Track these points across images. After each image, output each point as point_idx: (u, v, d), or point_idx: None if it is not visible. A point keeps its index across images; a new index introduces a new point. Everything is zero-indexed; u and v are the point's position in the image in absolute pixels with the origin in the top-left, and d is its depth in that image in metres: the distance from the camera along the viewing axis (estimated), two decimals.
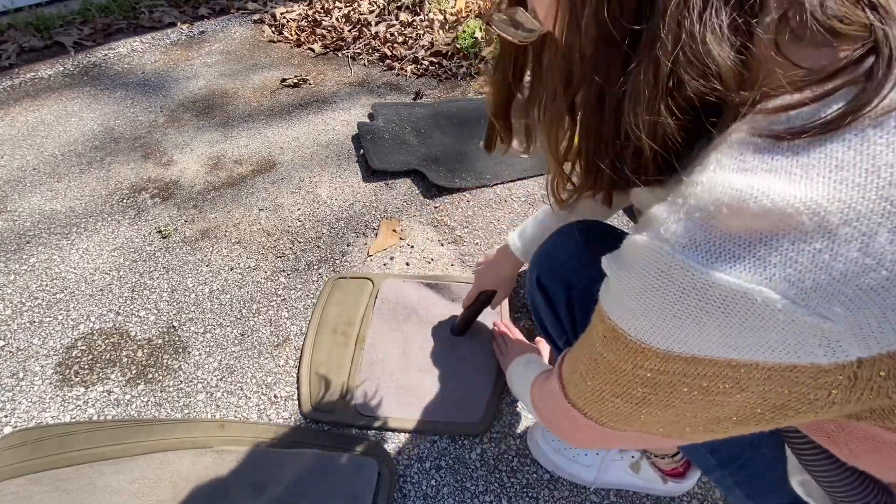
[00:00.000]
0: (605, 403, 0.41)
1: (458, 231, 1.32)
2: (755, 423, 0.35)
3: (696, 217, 0.29)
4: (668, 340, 0.32)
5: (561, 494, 0.84)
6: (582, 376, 0.42)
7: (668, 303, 0.31)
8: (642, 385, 0.36)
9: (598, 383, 0.40)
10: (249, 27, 2.32)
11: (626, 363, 0.36)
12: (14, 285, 1.17)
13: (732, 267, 0.28)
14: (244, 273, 1.21)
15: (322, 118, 1.74)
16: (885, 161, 0.26)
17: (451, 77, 1.98)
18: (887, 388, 0.29)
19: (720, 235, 0.29)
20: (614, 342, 0.36)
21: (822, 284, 0.27)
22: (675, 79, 0.31)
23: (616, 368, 0.37)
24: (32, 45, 2.07)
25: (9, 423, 0.93)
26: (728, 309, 0.29)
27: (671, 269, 0.30)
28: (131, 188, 1.45)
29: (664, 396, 0.36)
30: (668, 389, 0.35)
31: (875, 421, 0.33)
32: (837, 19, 0.29)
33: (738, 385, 0.32)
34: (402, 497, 0.84)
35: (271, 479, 0.83)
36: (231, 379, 1.00)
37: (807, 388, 0.30)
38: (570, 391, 0.45)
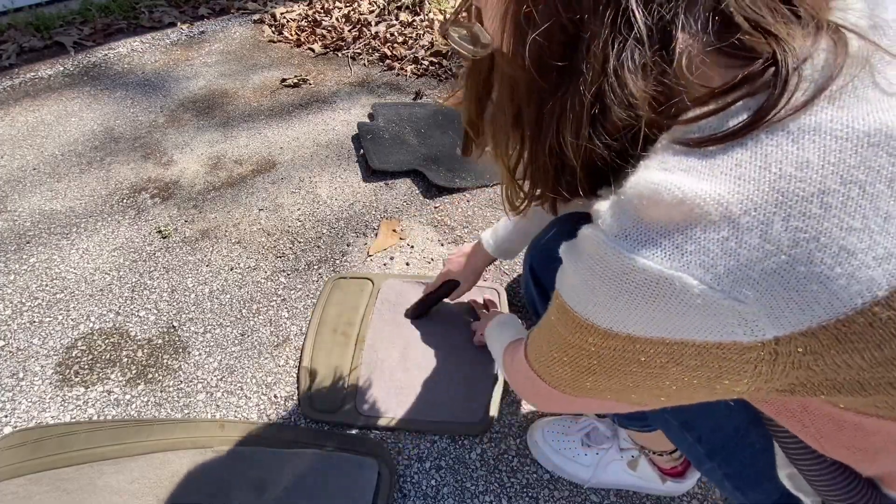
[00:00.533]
0: (558, 370, 0.45)
1: (458, 231, 1.32)
2: (694, 390, 0.38)
3: (625, 209, 0.33)
4: (607, 320, 0.36)
5: (561, 494, 0.84)
6: (540, 346, 0.47)
7: (605, 286, 0.35)
8: (588, 356, 0.40)
9: (551, 352, 0.45)
10: (249, 27, 2.32)
11: (574, 337, 0.40)
12: (14, 285, 1.17)
13: (654, 253, 0.32)
14: (244, 273, 1.21)
15: (322, 118, 1.74)
16: (775, 159, 0.30)
17: (451, 77, 1.98)
18: (807, 361, 0.32)
19: (643, 225, 0.32)
20: (565, 317, 0.40)
21: (732, 269, 0.30)
22: (599, 107, 0.36)
23: (566, 341, 0.41)
24: (32, 45, 2.07)
25: (9, 423, 0.93)
26: (653, 293, 0.32)
27: (606, 256, 0.34)
28: (131, 188, 1.45)
29: (608, 367, 0.39)
30: (610, 362, 0.39)
31: (816, 395, 0.35)
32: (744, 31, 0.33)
33: (672, 359, 0.35)
34: (402, 497, 0.84)
35: (271, 479, 0.83)
36: (231, 379, 1.00)
37: (734, 362, 0.33)
38: (530, 358, 0.50)
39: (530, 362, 0.50)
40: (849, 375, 0.33)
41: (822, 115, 0.30)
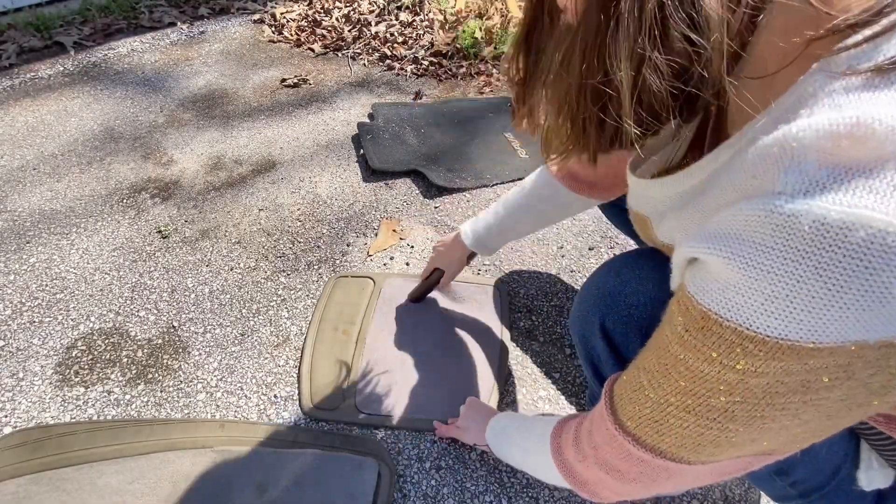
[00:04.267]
0: (671, 421, 0.34)
1: None
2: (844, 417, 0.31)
3: (810, 158, 0.25)
4: (782, 322, 0.27)
5: (561, 494, 0.84)
6: (642, 389, 0.36)
7: (795, 268, 0.26)
8: (727, 393, 0.31)
9: (664, 394, 0.34)
10: (249, 27, 2.32)
11: (712, 363, 0.30)
12: (14, 285, 1.17)
13: (873, 201, 0.24)
14: (244, 273, 1.21)
15: (322, 118, 1.74)
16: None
17: (451, 77, 1.98)
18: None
19: (847, 170, 0.24)
20: (702, 334, 0.30)
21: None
22: (660, 18, 0.29)
23: (695, 372, 0.32)
24: (32, 45, 2.07)
25: (9, 423, 0.93)
26: (872, 258, 0.24)
27: (794, 224, 0.25)
28: (131, 188, 1.44)
29: (752, 405, 0.30)
30: (758, 395, 0.30)
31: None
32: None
33: (845, 374, 0.27)
34: (402, 497, 0.84)
35: (271, 479, 0.83)
36: (231, 379, 1.00)
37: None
38: (620, 412, 0.38)
39: (619, 419, 0.39)
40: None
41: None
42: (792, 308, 0.26)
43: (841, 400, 0.29)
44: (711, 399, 0.32)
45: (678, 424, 0.34)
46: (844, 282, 0.25)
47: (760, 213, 0.26)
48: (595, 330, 0.59)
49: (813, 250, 0.25)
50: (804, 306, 0.26)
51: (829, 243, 0.24)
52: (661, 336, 0.35)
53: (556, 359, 1.03)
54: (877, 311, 0.25)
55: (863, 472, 0.51)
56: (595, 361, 0.62)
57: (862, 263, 0.24)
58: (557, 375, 1.00)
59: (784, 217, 0.25)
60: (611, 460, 0.42)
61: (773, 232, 0.26)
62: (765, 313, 0.27)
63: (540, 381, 1.00)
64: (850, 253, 0.24)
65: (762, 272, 0.27)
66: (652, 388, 0.35)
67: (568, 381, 0.99)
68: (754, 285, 0.27)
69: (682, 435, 0.35)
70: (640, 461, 0.39)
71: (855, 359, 0.27)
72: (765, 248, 0.26)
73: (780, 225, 0.26)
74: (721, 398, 0.31)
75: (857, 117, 0.24)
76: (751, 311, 0.28)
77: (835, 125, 0.24)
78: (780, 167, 0.26)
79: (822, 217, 0.24)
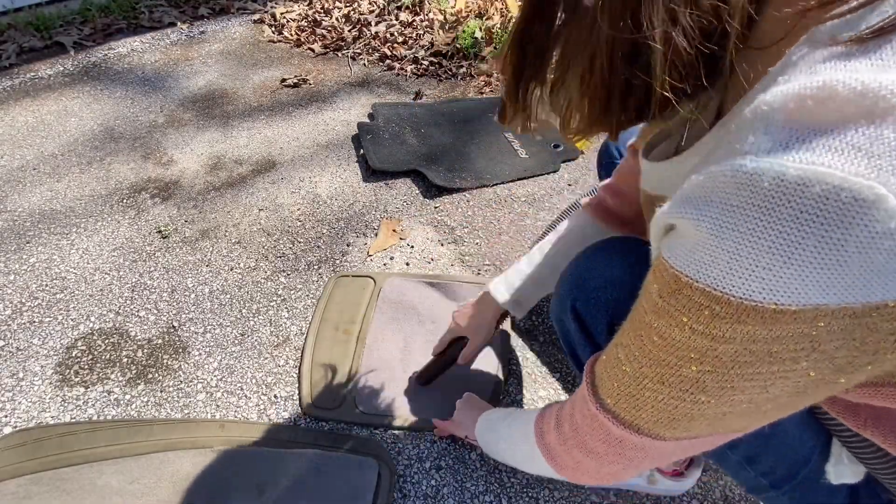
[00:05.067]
0: (646, 395, 0.35)
1: (458, 231, 1.32)
2: (810, 392, 0.31)
3: (776, 119, 0.26)
4: (748, 283, 0.27)
5: (561, 494, 0.84)
6: (619, 363, 0.37)
7: (755, 225, 0.26)
8: (697, 361, 0.31)
9: (639, 367, 0.35)
10: (249, 27, 2.32)
11: (683, 328, 0.31)
12: (14, 285, 1.17)
13: (830, 158, 0.24)
14: (244, 273, 1.21)
15: (322, 118, 1.74)
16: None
17: (451, 77, 1.98)
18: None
19: (808, 129, 0.25)
20: (673, 298, 0.31)
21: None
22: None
23: (667, 339, 0.32)
24: (32, 45, 2.07)
25: (9, 423, 0.93)
26: (830, 219, 0.24)
27: (755, 181, 0.26)
28: (131, 188, 1.45)
29: (722, 374, 0.31)
30: (728, 363, 0.30)
31: None
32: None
33: (811, 345, 0.28)
34: (402, 497, 0.84)
35: (271, 479, 0.83)
36: (231, 379, 1.00)
37: (880, 334, 0.27)
38: (601, 390, 0.39)
39: (604, 403, 0.39)
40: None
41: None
42: (754, 266, 0.27)
43: (808, 374, 0.30)
44: (683, 368, 0.32)
45: (653, 398, 0.35)
46: (801, 238, 0.25)
47: (727, 172, 0.27)
48: (568, 313, 0.61)
49: (772, 206, 0.25)
50: (765, 264, 0.27)
51: (787, 199, 0.25)
52: (638, 308, 0.36)
53: (556, 359, 1.03)
54: (833, 271, 0.25)
55: (832, 465, 0.51)
56: (572, 345, 0.64)
57: (817, 220, 0.25)
58: (557, 375, 1.00)
59: (747, 175, 0.26)
60: (590, 442, 0.42)
61: (737, 190, 0.27)
62: (730, 272, 0.28)
63: (540, 381, 1.00)
64: (806, 208, 0.25)
65: (727, 230, 0.27)
66: (629, 361, 0.36)
67: (568, 381, 0.99)
68: (720, 244, 0.28)
69: (657, 409, 0.35)
70: (617, 441, 0.40)
71: (819, 329, 0.27)
72: (729, 207, 0.27)
73: (743, 183, 0.26)
74: (692, 367, 0.32)
75: (823, 81, 0.25)
76: (717, 271, 0.28)
77: (803, 89, 0.25)
78: (751, 129, 0.27)
79: (782, 174, 0.25)
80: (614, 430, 0.39)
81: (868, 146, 0.24)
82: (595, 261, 0.59)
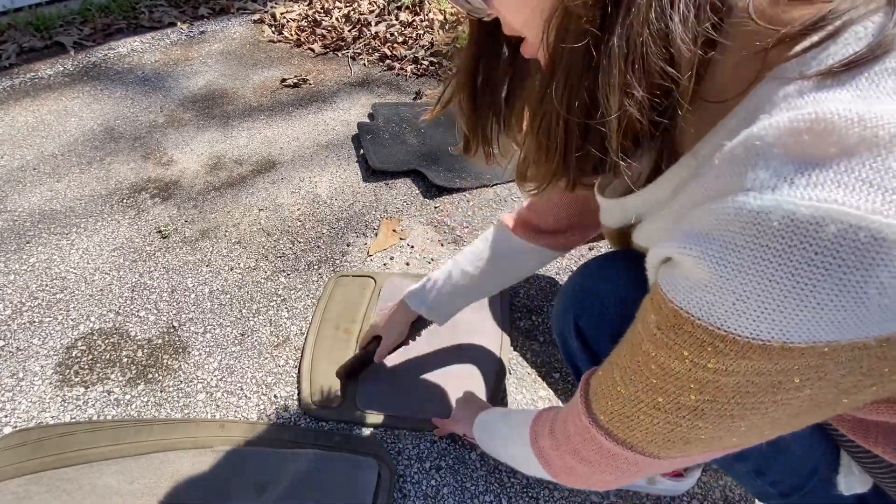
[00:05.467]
0: (641, 417, 0.35)
1: (458, 231, 1.32)
2: (811, 415, 0.31)
3: (774, 154, 0.25)
4: (753, 322, 0.27)
5: (561, 494, 0.84)
6: (615, 384, 0.37)
7: (764, 266, 0.25)
8: (697, 391, 0.31)
9: (635, 391, 0.34)
10: (249, 27, 2.32)
11: (683, 361, 0.30)
12: (14, 285, 1.17)
13: (842, 195, 0.23)
14: (244, 273, 1.21)
15: (322, 118, 1.74)
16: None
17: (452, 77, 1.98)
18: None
19: (811, 163, 0.24)
20: (673, 332, 0.30)
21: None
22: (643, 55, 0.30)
23: (665, 370, 0.32)
24: (32, 45, 2.07)
25: (9, 423, 0.93)
26: (845, 255, 0.23)
27: (762, 220, 0.25)
28: (131, 188, 1.44)
29: (722, 404, 0.30)
30: (729, 394, 0.30)
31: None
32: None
33: (816, 375, 0.27)
34: (402, 497, 0.84)
35: (271, 479, 0.83)
36: (231, 379, 1.00)
37: (888, 361, 0.26)
38: (594, 405, 0.39)
39: (592, 412, 0.39)
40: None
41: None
42: (763, 308, 0.26)
43: (810, 399, 0.29)
44: (682, 397, 0.32)
45: (648, 421, 0.35)
46: (816, 281, 0.24)
47: (730, 210, 0.26)
48: (570, 328, 0.61)
49: (783, 247, 0.25)
50: (775, 306, 0.26)
51: (799, 240, 0.24)
52: (635, 333, 0.35)
53: (556, 359, 1.03)
54: (850, 310, 0.25)
55: (842, 476, 0.51)
56: (573, 358, 0.64)
57: (834, 261, 0.24)
58: (557, 375, 1.00)
59: (753, 214, 0.25)
60: (582, 451, 0.42)
61: (743, 229, 0.26)
62: (735, 313, 0.27)
63: (540, 381, 1.00)
64: (822, 250, 0.24)
65: (732, 271, 0.26)
66: (624, 384, 0.36)
67: (568, 381, 0.99)
68: (725, 284, 0.27)
69: (651, 431, 0.35)
70: (610, 454, 0.39)
71: (827, 360, 0.27)
72: (735, 247, 0.26)
73: (750, 222, 0.25)
74: (691, 396, 0.31)
75: (816, 112, 0.24)
76: (722, 311, 0.28)
77: (795, 122, 0.25)
78: (747, 165, 0.26)
79: (792, 213, 0.24)
80: (606, 445, 0.39)
81: (879, 180, 0.23)
82: (599, 276, 0.58)
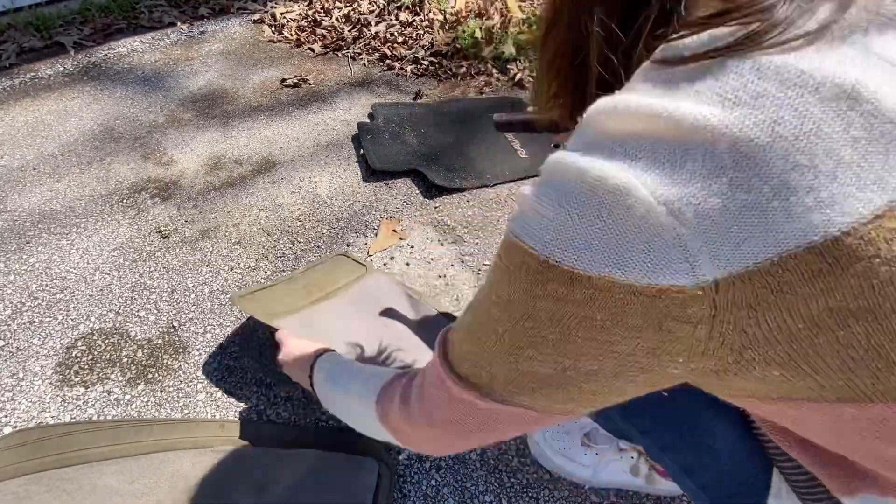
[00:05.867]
0: (485, 353, 0.39)
1: (458, 231, 1.32)
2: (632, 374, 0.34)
3: (583, 127, 0.34)
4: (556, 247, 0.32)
5: (561, 494, 0.84)
6: (466, 325, 0.41)
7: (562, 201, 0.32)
8: (524, 317, 0.35)
9: (479, 325, 0.39)
10: (249, 27, 2.32)
11: (509, 285, 0.35)
12: (14, 285, 1.17)
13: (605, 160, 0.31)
14: (244, 273, 1.21)
15: (322, 118, 1.74)
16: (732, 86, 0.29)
17: (451, 77, 1.98)
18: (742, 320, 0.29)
19: (600, 137, 0.32)
20: (505, 257, 0.35)
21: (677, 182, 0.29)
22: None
23: (501, 296, 0.36)
24: (32, 45, 2.07)
25: (9, 423, 0.93)
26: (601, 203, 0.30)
27: (562, 169, 0.32)
28: (131, 188, 1.45)
29: (544, 333, 0.35)
30: (545, 321, 0.34)
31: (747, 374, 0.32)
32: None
33: (615, 316, 0.32)
34: (402, 497, 0.84)
35: (271, 479, 0.83)
36: (231, 379, 1.00)
37: (676, 322, 0.30)
38: (454, 355, 0.42)
39: (453, 361, 0.42)
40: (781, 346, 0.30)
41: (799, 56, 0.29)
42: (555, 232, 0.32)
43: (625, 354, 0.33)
44: (515, 325, 0.36)
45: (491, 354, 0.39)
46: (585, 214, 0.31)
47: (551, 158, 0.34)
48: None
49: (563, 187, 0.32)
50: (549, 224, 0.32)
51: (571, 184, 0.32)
52: (487, 277, 0.39)
53: None
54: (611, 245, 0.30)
55: (772, 498, 0.53)
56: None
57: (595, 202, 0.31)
58: None
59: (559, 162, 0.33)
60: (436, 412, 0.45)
61: (550, 170, 0.33)
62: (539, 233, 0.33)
63: None
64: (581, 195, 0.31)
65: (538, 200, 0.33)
66: (472, 321, 0.40)
67: None
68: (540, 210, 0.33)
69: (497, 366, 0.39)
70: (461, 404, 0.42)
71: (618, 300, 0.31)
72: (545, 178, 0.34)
73: (555, 169, 0.33)
74: (521, 324, 0.35)
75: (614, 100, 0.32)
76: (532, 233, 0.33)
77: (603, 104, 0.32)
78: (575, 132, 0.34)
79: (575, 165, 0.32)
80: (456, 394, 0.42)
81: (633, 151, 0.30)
82: None
